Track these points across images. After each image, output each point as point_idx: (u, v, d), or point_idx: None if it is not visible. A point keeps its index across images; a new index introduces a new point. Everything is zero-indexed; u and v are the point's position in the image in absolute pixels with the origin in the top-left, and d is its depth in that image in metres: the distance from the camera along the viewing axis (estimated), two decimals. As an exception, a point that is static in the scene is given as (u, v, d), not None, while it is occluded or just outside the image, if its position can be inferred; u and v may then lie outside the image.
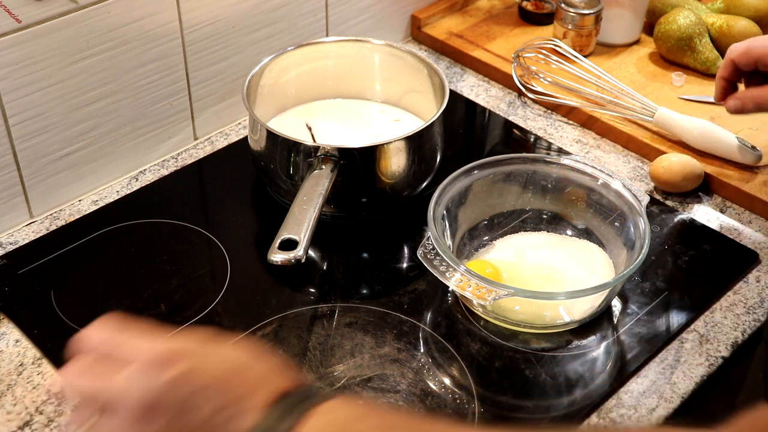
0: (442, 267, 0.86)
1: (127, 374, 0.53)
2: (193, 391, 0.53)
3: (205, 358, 0.55)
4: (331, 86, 1.17)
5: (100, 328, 0.57)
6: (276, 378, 0.54)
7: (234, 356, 0.56)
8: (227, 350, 0.57)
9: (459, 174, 0.97)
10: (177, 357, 0.54)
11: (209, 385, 0.53)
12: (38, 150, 1.01)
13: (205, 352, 0.56)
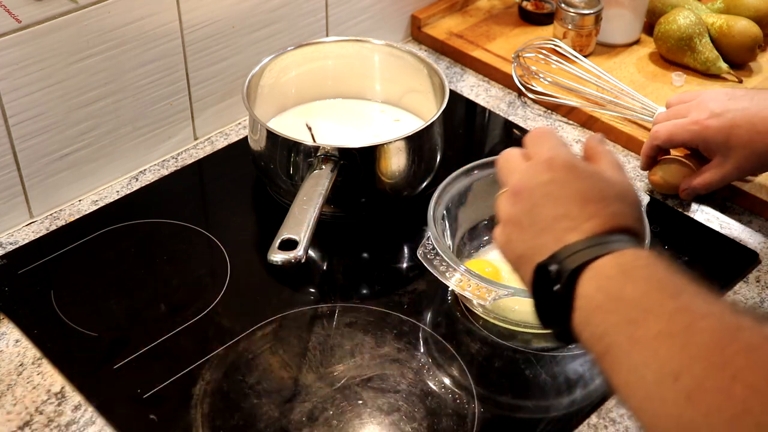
0: (442, 267, 0.87)
1: (523, 167, 0.69)
2: (555, 197, 0.64)
3: (576, 174, 0.65)
4: (331, 86, 1.17)
5: (537, 131, 0.72)
6: (616, 216, 0.62)
7: (601, 183, 0.65)
8: (600, 172, 0.66)
9: (459, 174, 0.97)
10: (557, 166, 0.66)
11: (566, 196, 0.64)
12: (38, 150, 1.01)
13: (578, 171, 0.66)
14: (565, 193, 0.64)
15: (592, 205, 0.63)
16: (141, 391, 0.84)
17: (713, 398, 0.48)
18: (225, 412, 0.82)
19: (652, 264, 0.58)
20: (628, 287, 0.57)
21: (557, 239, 0.62)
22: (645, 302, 0.55)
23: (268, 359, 0.88)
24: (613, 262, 0.59)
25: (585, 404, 0.85)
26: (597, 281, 0.58)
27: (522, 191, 0.67)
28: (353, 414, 0.82)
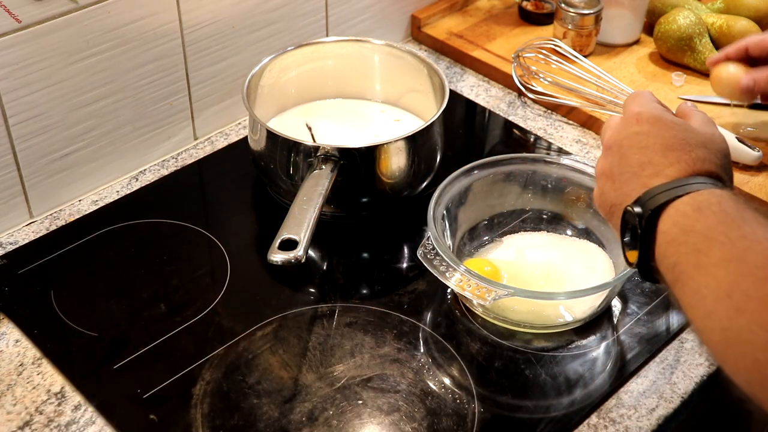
0: (442, 267, 0.87)
1: (615, 121, 0.75)
2: (641, 147, 0.70)
3: (661, 126, 0.70)
4: (331, 86, 1.17)
5: (633, 94, 0.78)
6: (698, 161, 0.67)
7: (684, 133, 0.70)
8: (685, 124, 0.71)
9: (459, 174, 0.97)
10: (644, 120, 0.71)
11: (651, 145, 0.69)
12: (38, 150, 1.01)
13: (663, 122, 0.71)
14: (650, 143, 0.69)
15: (674, 153, 0.68)
16: (141, 391, 0.84)
17: (756, 306, 0.53)
18: (225, 412, 0.82)
19: (725, 201, 0.62)
20: (700, 221, 0.61)
21: (642, 185, 0.67)
22: (712, 233, 0.60)
23: (268, 359, 0.88)
24: (689, 201, 0.63)
25: (585, 404, 0.85)
26: (674, 218, 0.63)
27: (612, 145, 0.73)
28: (353, 414, 0.82)
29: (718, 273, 0.57)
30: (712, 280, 0.58)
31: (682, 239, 0.62)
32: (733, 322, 0.55)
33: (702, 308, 0.58)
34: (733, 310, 0.55)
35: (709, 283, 0.58)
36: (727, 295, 0.56)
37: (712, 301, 0.57)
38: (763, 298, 0.53)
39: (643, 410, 0.84)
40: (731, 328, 0.55)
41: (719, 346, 0.57)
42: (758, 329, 0.53)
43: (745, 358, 0.54)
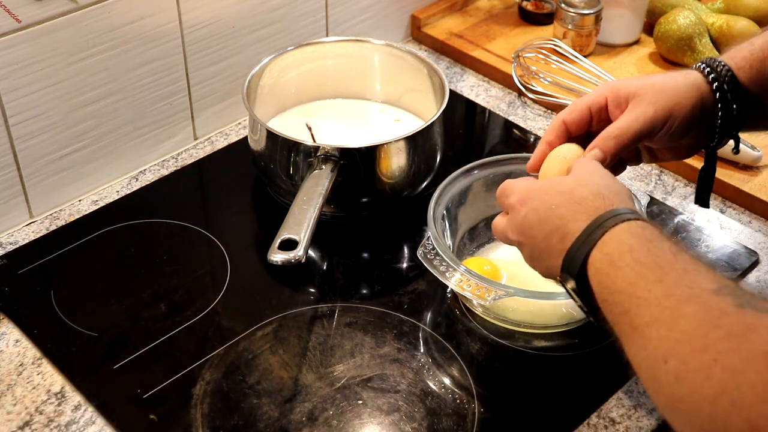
0: (442, 267, 0.87)
1: (501, 222, 0.77)
2: (537, 222, 0.70)
3: (545, 194, 0.71)
4: (331, 86, 1.17)
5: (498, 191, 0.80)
6: (594, 202, 0.67)
7: (567, 187, 0.70)
8: (563, 183, 0.72)
9: (459, 174, 0.97)
10: (522, 201, 0.73)
11: (545, 215, 0.70)
12: (38, 150, 1.01)
13: (546, 190, 0.72)
14: (541, 215, 0.70)
15: (566, 209, 0.69)
16: (141, 391, 0.84)
17: (696, 377, 0.52)
18: (225, 412, 0.82)
19: (635, 247, 0.62)
20: (618, 278, 0.62)
21: (559, 252, 0.68)
22: (635, 290, 0.60)
23: (268, 359, 0.88)
24: (601, 257, 0.64)
25: (585, 404, 0.85)
26: (596, 277, 0.64)
27: (517, 239, 0.74)
28: (353, 414, 0.82)
29: (651, 335, 0.57)
30: (647, 342, 0.57)
31: (611, 299, 0.62)
32: (674, 390, 0.54)
33: (645, 371, 0.58)
34: (672, 377, 0.54)
35: (645, 345, 0.57)
36: (664, 360, 0.55)
37: (652, 365, 0.56)
38: (700, 369, 0.52)
39: (643, 410, 0.84)
40: (674, 395, 0.54)
41: (667, 412, 0.56)
42: (701, 401, 0.52)
43: (692, 426, 0.53)
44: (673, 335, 0.55)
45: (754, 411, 0.48)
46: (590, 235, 0.65)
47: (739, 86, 0.79)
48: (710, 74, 0.79)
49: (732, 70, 0.79)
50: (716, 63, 0.80)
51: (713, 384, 0.51)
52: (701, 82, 0.79)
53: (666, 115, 0.78)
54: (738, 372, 0.50)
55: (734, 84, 0.79)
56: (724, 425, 0.50)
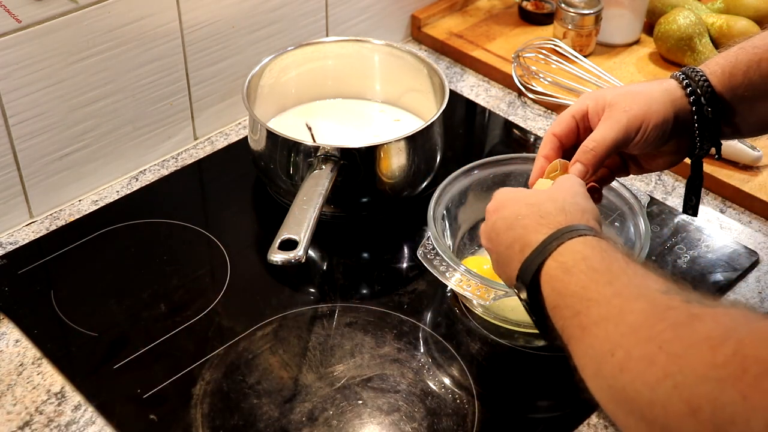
0: (442, 267, 0.87)
1: (482, 227, 0.78)
2: (505, 229, 0.73)
3: (515, 204, 0.74)
4: (331, 86, 1.17)
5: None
6: (557, 217, 0.70)
7: (536, 200, 0.73)
8: (534, 196, 0.75)
9: (459, 174, 0.97)
10: (495, 209, 0.76)
11: (512, 224, 0.72)
12: (38, 150, 1.01)
13: (517, 201, 0.74)
14: (509, 223, 0.73)
15: (531, 220, 0.71)
16: (141, 391, 0.84)
17: (639, 365, 0.53)
18: (225, 412, 0.82)
19: (589, 255, 0.64)
20: (572, 283, 0.64)
21: (518, 261, 0.70)
22: (587, 293, 0.62)
23: (268, 359, 0.88)
24: (555, 265, 0.66)
25: (585, 404, 0.84)
26: (550, 284, 0.66)
27: (487, 244, 0.77)
28: (353, 414, 0.82)
29: (599, 333, 0.59)
30: (595, 340, 0.59)
31: (562, 303, 0.64)
32: (617, 380, 0.55)
33: (590, 368, 0.59)
34: (617, 369, 0.55)
35: (593, 343, 0.59)
36: (611, 353, 0.56)
37: (598, 361, 0.58)
38: (644, 357, 0.53)
39: (643, 410, 0.84)
40: (616, 386, 0.55)
41: (609, 405, 0.57)
42: (642, 387, 0.53)
43: (633, 414, 0.54)
44: (620, 329, 0.57)
45: (695, 392, 0.49)
46: (546, 246, 0.67)
47: (714, 92, 0.80)
48: (684, 80, 0.81)
49: (706, 76, 0.81)
50: (692, 70, 0.82)
51: (656, 370, 0.52)
52: (675, 88, 0.81)
53: (638, 122, 0.79)
54: (681, 356, 0.51)
55: (708, 89, 0.80)
56: (663, 409, 0.51)
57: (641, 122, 0.79)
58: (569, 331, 0.63)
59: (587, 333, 0.60)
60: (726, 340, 0.49)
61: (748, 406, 0.46)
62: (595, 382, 0.59)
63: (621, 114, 0.79)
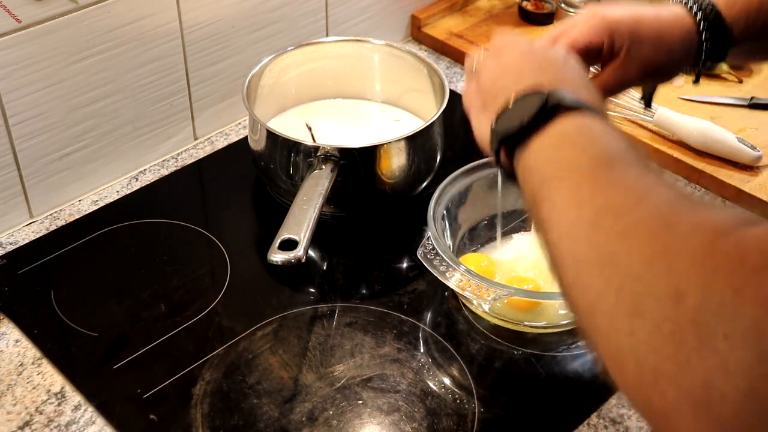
0: (442, 267, 0.87)
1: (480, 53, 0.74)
2: (493, 74, 0.69)
3: (511, 48, 0.71)
4: (331, 86, 1.17)
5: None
6: (541, 75, 0.65)
7: (532, 54, 0.70)
8: (531, 46, 0.71)
9: (459, 174, 0.97)
10: (497, 48, 0.72)
11: (505, 69, 0.69)
12: (38, 150, 1.01)
13: (513, 44, 0.71)
14: (513, 64, 0.69)
15: (518, 73, 0.67)
16: (141, 391, 0.84)
17: (641, 235, 0.49)
18: (225, 412, 0.82)
19: (594, 136, 0.58)
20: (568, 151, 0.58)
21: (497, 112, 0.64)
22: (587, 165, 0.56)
23: (268, 359, 0.88)
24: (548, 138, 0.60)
25: (585, 404, 0.85)
26: (539, 153, 0.60)
27: (479, 83, 0.72)
28: (353, 414, 0.82)
29: (610, 191, 0.53)
30: (606, 197, 0.53)
31: (550, 174, 0.58)
32: (611, 245, 0.50)
33: (582, 223, 0.53)
34: (617, 232, 0.50)
35: (597, 197, 0.53)
36: (616, 215, 0.51)
37: (596, 215, 0.52)
38: (649, 231, 0.49)
39: (643, 410, 0.84)
40: (607, 249, 0.50)
41: (583, 262, 0.52)
42: (637, 259, 0.48)
43: (611, 281, 0.49)
44: (631, 199, 0.52)
45: (686, 276, 0.45)
46: (538, 106, 0.60)
47: (719, 15, 0.79)
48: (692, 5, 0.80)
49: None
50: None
51: (656, 245, 0.48)
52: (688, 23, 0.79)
53: (653, 68, 0.79)
54: (683, 238, 0.47)
55: (714, 12, 0.79)
56: (648, 286, 0.47)
57: (656, 69, 0.79)
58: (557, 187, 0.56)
59: (597, 184, 0.54)
60: (732, 231, 0.45)
61: (737, 301, 0.42)
62: (579, 236, 0.52)
63: (638, 64, 0.78)
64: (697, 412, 0.42)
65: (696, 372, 0.42)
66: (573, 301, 0.53)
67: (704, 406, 0.41)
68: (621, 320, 0.47)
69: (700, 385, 0.42)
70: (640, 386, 0.47)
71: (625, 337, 0.47)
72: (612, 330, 0.48)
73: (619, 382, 0.50)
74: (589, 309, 0.51)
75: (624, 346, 0.47)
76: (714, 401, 0.41)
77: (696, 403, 0.42)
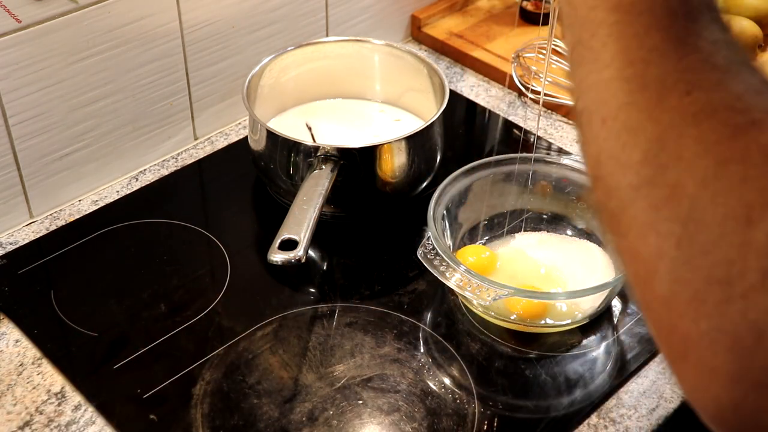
0: (442, 267, 0.87)
1: None
2: None
3: None
4: (331, 86, 1.17)
5: None
6: None
7: None
8: None
9: (459, 174, 0.97)
10: None
11: None
12: (38, 150, 1.01)
13: None
14: None
15: None
16: (141, 391, 0.84)
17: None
18: (225, 412, 0.82)
19: None
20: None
21: None
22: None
23: (268, 359, 0.88)
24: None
25: (585, 404, 0.85)
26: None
27: None
28: (353, 414, 0.82)
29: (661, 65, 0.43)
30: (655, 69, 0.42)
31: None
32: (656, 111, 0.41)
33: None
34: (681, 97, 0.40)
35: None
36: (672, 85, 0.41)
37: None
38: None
39: (643, 410, 0.84)
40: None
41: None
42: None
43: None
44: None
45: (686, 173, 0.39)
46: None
47: None
48: None
49: None
50: None
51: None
52: None
53: None
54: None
55: None
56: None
57: None
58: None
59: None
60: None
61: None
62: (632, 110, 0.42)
63: None
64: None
65: None
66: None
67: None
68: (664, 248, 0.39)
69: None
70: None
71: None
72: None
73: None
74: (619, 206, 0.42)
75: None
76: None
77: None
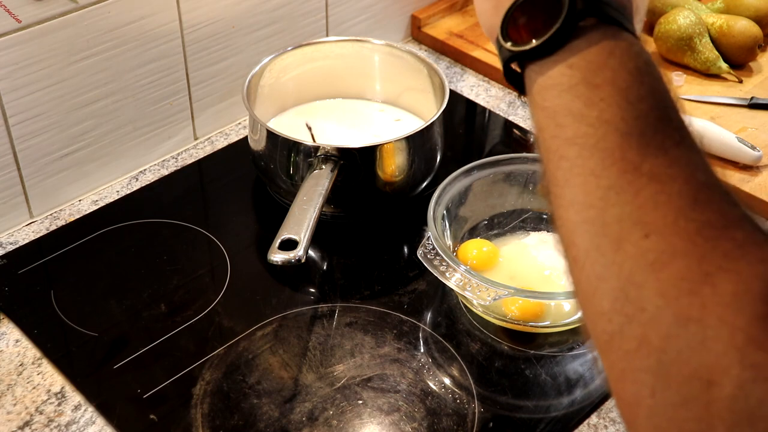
0: (442, 267, 0.87)
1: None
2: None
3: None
4: (331, 86, 1.17)
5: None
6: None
7: None
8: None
9: (459, 174, 0.97)
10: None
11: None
12: (38, 150, 1.01)
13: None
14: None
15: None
16: (141, 391, 0.84)
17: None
18: (225, 412, 0.82)
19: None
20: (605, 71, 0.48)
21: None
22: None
23: (268, 359, 0.88)
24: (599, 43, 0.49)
25: (585, 404, 0.85)
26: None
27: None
28: (353, 414, 0.82)
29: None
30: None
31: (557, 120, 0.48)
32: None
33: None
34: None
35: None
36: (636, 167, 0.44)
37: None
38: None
39: (643, 410, 0.84)
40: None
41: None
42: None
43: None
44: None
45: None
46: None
47: None
48: None
49: None
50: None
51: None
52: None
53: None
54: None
55: None
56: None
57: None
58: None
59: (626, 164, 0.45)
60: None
61: None
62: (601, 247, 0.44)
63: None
64: None
65: None
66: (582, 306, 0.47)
67: None
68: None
69: None
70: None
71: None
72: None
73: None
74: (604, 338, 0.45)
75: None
76: None
77: None
